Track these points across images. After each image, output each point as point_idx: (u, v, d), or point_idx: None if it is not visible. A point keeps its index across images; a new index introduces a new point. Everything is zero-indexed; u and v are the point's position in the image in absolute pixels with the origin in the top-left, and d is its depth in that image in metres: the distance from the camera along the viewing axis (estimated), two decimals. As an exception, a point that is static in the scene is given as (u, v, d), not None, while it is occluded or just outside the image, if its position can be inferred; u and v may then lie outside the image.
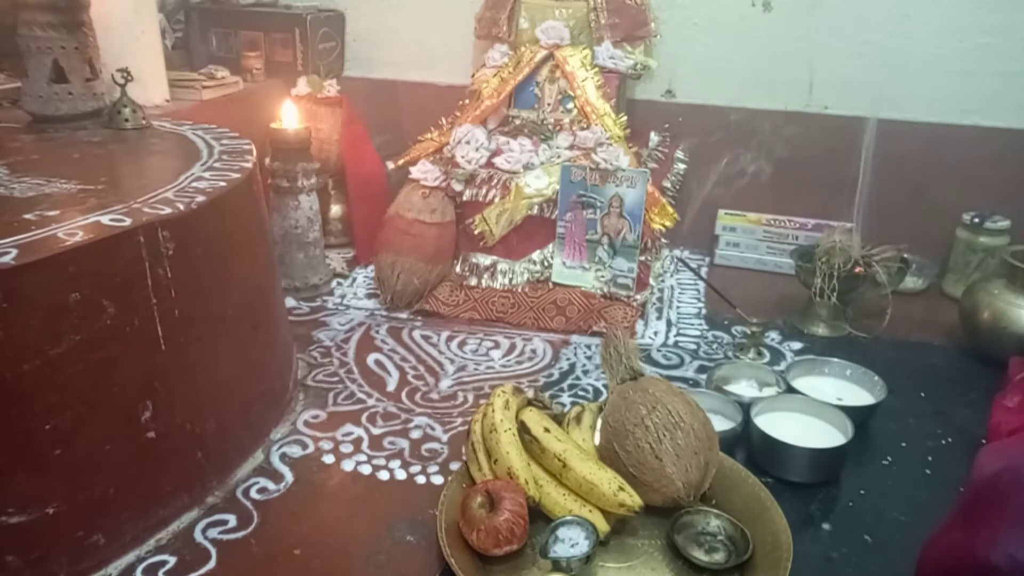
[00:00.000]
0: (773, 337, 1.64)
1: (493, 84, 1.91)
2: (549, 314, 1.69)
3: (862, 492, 1.19)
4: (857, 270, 1.60)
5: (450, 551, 0.98)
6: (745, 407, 1.27)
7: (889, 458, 1.27)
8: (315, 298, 1.77)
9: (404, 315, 1.71)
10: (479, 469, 1.11)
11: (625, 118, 1.85)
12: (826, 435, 1.23)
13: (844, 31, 1.90)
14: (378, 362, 1.52)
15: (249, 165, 1.26)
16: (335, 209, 2.08)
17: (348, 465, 1.22)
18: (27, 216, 0.98)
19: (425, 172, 1.77)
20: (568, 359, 1.55)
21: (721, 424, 1.23)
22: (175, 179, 1.15)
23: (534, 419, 1.12)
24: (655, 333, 1.67)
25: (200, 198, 1.08)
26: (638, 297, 1.70)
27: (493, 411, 1.12)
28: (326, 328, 1.64)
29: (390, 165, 1.97)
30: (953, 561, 0.82)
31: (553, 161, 1.76)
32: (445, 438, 1.29)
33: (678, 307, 1.79)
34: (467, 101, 1.94)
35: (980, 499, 0.82)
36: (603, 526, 1.03)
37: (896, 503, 1.16)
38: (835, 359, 1.44)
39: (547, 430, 1.10)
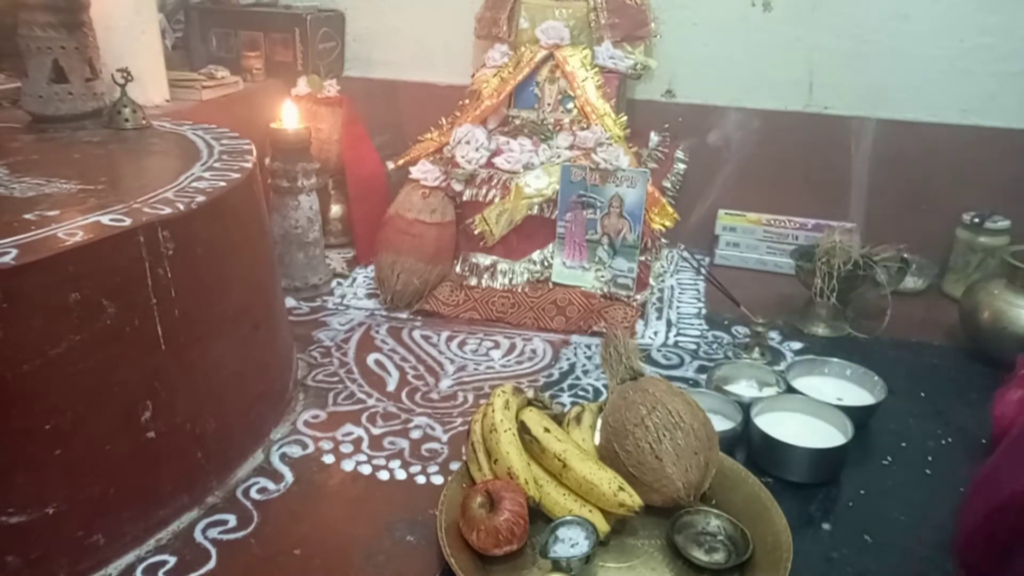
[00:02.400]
0: (773, 337, 1.63)
1: (493, 84, 1.91)
2: (549, 314, 1.68)
3: (862, 492, 1.19)
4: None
5: (450, 551, 0.98)
6: (745, 407, 1.27)
7: (889, 458, 1.27)
8: (315, 298, 1.77)
9: (404, 315, 1.71)
10: (479, 469, 1.11)
11: (625, 118, 1.85)
12: (826, 435, 1.23)
13: (844, 31, 1.90)
14: (378, 362, 1.52)
15: (249, 165, 1.26)
16: (335, 209, 2.08)
17: (348, 465, 1.22)
18: (27, 216, 0.98)
19: (425, 172, 1.77)
20: (568, 359, 1.55)
21: (721, 424, 1.23)
22: (175, 179, 1.15)
23: (534, 419, 1.12)
24: (655, 333, 1.66)
25: (200, 198, 1.08)
26: (638, 297, 1.70)
27: (493, 411, 1.12)
28: (326, 328, 1.64)
29: (390, 165, 1.97)
30: (1001, 501, 0.82)
31: (553, 161, 1.76)
32: (445, 438, 1.29)
33: (678, 307, 1.79)
34: (467, 101, 1.94)
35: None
36: (603, 526, 1.03)
37: (896, 503, 1.16)
38: (835, 359, 1.44)
39: (547, 430, 1.10)
